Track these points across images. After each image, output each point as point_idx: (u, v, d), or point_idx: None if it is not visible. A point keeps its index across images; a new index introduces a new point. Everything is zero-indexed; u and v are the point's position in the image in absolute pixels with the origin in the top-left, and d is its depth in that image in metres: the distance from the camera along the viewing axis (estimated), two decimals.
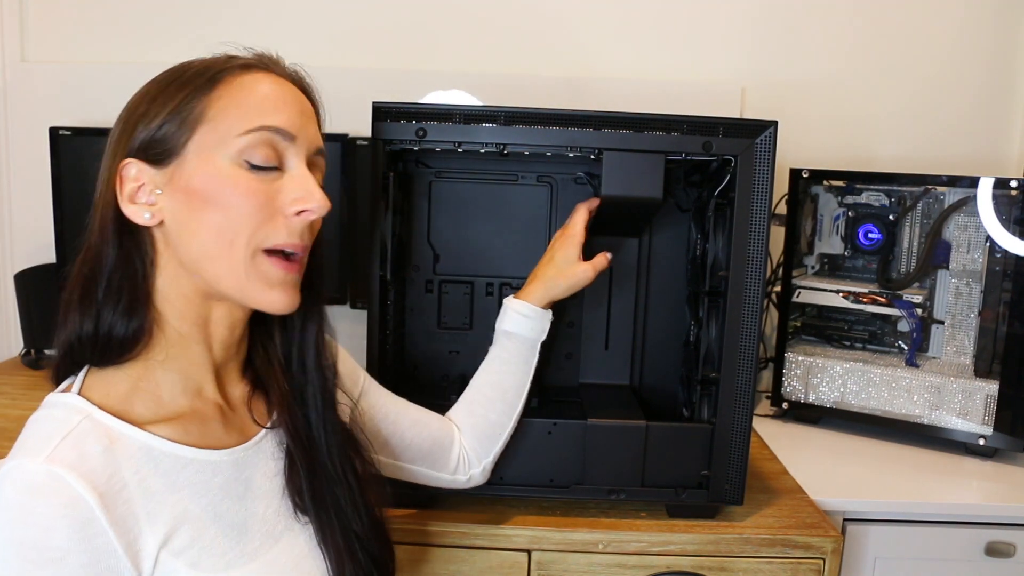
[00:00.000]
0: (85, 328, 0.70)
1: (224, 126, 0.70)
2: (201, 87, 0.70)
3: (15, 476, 0.62)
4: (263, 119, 0.70)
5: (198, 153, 0.70)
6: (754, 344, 1.08)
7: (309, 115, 0.76)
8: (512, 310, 1.05)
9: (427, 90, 1.74)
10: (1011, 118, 1.84)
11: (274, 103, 0.72)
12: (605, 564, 1.10)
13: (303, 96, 0.76)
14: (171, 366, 0.72)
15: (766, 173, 1.05)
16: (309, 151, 0.74)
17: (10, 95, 1.76)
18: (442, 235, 1.24)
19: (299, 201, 0.72)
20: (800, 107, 1.81)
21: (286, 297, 0.73)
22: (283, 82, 0.74)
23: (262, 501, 0.75)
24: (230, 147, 0.69)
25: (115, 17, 1.77)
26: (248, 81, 0.72)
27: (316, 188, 0.73)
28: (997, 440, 1.42)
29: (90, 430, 0.65)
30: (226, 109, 0.70)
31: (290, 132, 0.72)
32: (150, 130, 0.70)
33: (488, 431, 1.04)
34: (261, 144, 0.70)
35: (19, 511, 0.61)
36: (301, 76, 0.78)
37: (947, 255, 1.48)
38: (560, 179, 1.23)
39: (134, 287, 0.71)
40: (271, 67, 0.75)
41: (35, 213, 1.76)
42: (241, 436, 0.76)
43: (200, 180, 0.69)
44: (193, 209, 0.70)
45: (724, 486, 1.11)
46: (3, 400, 1.50)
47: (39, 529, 0.60)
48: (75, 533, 0.61)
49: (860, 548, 1.29)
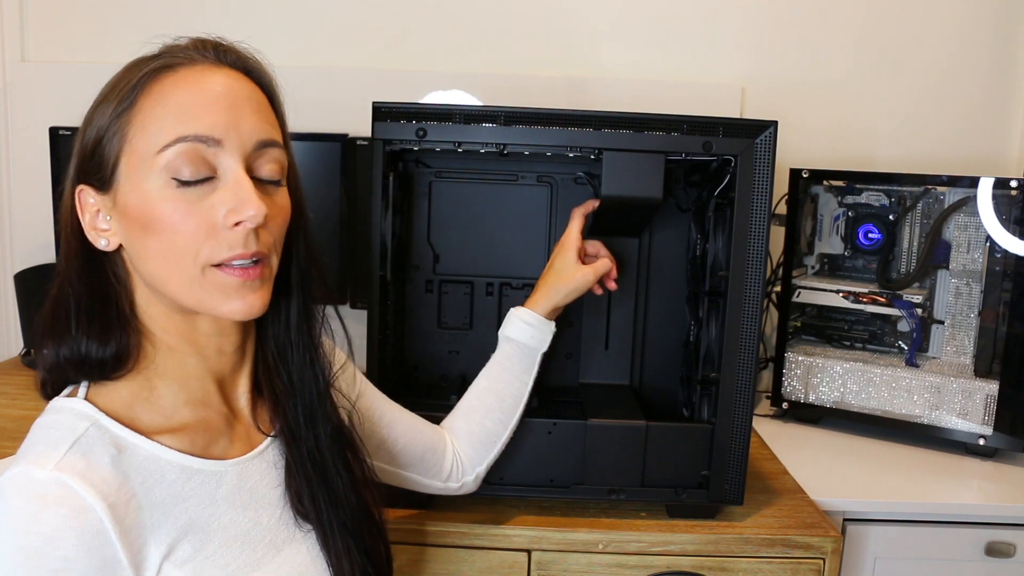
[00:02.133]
0: (62, 353, 0.68)
1: (143, 146, 0.65)
2: (122, 103, 0.66)
3: (22, 483, 0.61)
4: (180, 129, 0.65)
5: (128, 177, 0.66)
6: (754, 344, 1.08)
7: (248, 105, 0.68)
8: (516, 317, 1.06)
9: (427, 90, 1.74)
10: (1011, 118, 1.84)
11: (192, 108, 0.65)
12: (605, 564, 1.10)
13: (243, 83, 0.69)
14: (169, 377, 0.71)
15: (766, 173, 1.05)
16: (246, 148, 0.67)
17: (10, 95, 1.76)
18: (442, 235, 1.24)
19: (232, 213, 0.66)
20: (800, 107, 1.81)
21: (244, 304, 0.68)
22: (211, 75, 0.67)
23: (266, 511, 0.74)
24: (153, 166, 0.65)
25: (115, 17, 1.77)
26: (166, 87, 0.66)
27: (249, 195, 0.66)
28: (997, 440, 1.42)
29: (98, 438, 0.65)
30: (144, 126, 0.65)
31: (213, 136, 0.65)
32: (87, 154, 0.68)
33: (484, 439, 1.03)
34: (183, 157, 0.65)
35: (26, 519, 0.60)
36: (246, 59, 0.71)
37: (947, 255, 1.48)
38: (560, 179, 1.23)
39: (106, 312, 0.69)
40: (199, 58, 0.68)
41: (35, 213, 1.76)
42: (246, 445, 0.75)
43: (134, 206, 0.66)
44: (136, 236, 0.67)
45: (724, 486, 1.10)
46: (3, 400, 1.50)
47: (46, 538, 0.59)
48: (83, 543, 0.60)
49: (860, 548, 1.29)
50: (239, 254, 0.67)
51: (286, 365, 0.78)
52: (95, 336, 0.68)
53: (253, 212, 0.66)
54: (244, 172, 0.67)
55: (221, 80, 0.68)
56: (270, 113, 0.71)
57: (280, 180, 0.71)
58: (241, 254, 0.67)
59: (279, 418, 0.77)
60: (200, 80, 0.67)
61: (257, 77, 0.71)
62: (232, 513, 0.70)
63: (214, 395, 0.74)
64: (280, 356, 0.78)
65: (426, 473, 0.99)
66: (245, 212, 0.66)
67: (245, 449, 0.75)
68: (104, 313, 0.68)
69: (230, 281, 0.67)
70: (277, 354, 0.78)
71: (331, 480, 0.78)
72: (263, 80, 0.72)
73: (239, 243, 0.67)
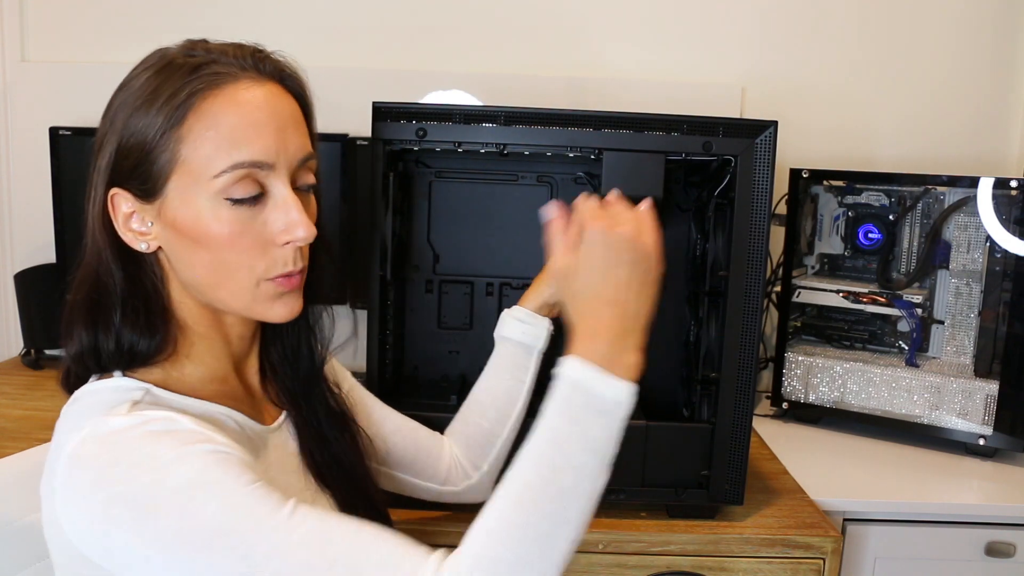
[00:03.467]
0: (104, 345, 0.70)
1: (198, 167, 0.68)
2: (170, 119, 0.67)
3: (104, 431, 0.63)
4: (236, 155, 0.68)
5: (179, 193, 0.69)
6: (754, 344, 1.08)
7: (292, 124, 0.72)
8: (508, 315, 1.06)
9: (427, 90, 1.74)
10: (1011, 118, 1.84)
11: (244, 133, 0.68)
12: (605, 564, 1.10)
13: (284, 100, 0.72)
14: (196, 360, 0.75)
15: (766, 173, 1.05)
16: (292, 166, 0.72)
17: (10, 95, 1.76)
18: (442, 235, 1.24)
19: (283, 234, 0.71)
20: (800, 107, 1.81)
21: (287, 309, 0.74)
22: (255, 94, 0.70)
23: (295, 475, 0.80)
24: (208, 188, 0.68)
25: (115, 17, 1.77)
26: (216, 109, 0.68)
27: (300, 216, 0.71)
28: (997, 440, 1.42)
29: (153, 403, 0.68)
30: (196, 147, 0.68)
31: (267, 162, 0.69)
32: (128, 161, 0.69)
33: (480, 438, 1.02)
34: (238, 181, 0.68)
35: (122, 445, 0.62)
36: (282, 69, 0.74)
37: (947, 255, 1.48)
38: (560, 179, 1.23)
39: (150, 307, 0.72)
40: (240, 73, 0.70)
41: (35, 213, 1.76)
42: (268, 418, 0.81)
43: (185, 221, 0.69)
44: (184, 247, 0.71)
45: (724, 486, 1.10)
46: (3, 400, 1.50)
47: (163, 421, 0.64)
48: (197, 424, 0.65)
49: (860, 548, 1.29)
50: (290, 271, 0.73)
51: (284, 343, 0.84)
52: (140, 329, 0.71)
53: (303, 234, 0.71)
54: (291, 191, 0.72)
55: (267, 99, 0.70)
56: (305, 126, 0.75)
57: (314, 185, 0.76)
58: (292, 271, 0.73)
59: (284, 391, 0.83)
60: (248, 100, 0.69)
61: (293, 86, 0.75)
62: (274, 471, 0.76)
63: (231, 373, 0.79)
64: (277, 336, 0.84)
65: (420, 475, 0.99)
66: (296, 233, 0.71)
67: (269, 421, 0.80)
68: (148, 308, 0.72)
69: (278, 291, 0.73)
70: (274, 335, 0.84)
71: (335, 444, 0.84)
72: (299, 90, 0.76)
73: (290, 260, 0.73)
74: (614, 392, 0.67)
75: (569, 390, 0.68)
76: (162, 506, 0.60)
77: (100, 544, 0.62)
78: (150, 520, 0.60)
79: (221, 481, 0.62)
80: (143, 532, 0.60)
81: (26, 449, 0.93)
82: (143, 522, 0.60)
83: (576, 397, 0.67)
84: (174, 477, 0.61)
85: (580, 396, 0.67)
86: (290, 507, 0.62)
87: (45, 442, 0.90)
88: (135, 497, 0.60)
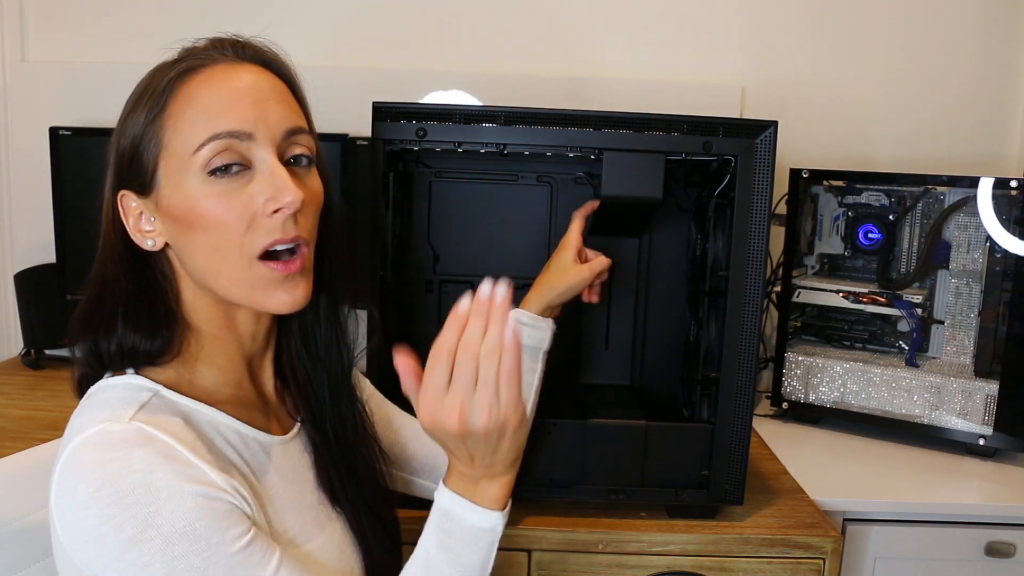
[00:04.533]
0: (104, 347, 0.71)
1: (179, 147, 0.68)
2: (153, 109, 0.69)
3: (102, 438, 0.64)
4: (212, 127, 0.68)
5: (168, 179, 0.69)
6: (754, 344, 1.08)
7: (273, 96, 0.71)
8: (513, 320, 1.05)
9: (427, 90, 1.74)
10: (1011, 118, 1.84)
11: (220, 106, 0.68)
12: (605, 564, 1.10)
13: (264, 76, 0.72)
14: (210, 362, 0.75)
15: (766, 173, 1.05)
16: (276, 138, 0.70)
17: (10, 95, 1.76)
18: (442, 235, 1.24)
19: (271, 201, 0.69)
20: (800, 107, 1.81)
21: (289, 297, 0.72)
22: (234, 72, 0.70)
23: (306, 489, 0.78)
24: (191, 166, 0.68)
25: (115, 17, 1.77)
26: (192, 89, 0.69)
27: (285, 181, 0.69)
28: (997, 440, 1.42)
29: (162, 405, 0.68)
30: (177, 129, 0.68)
31: (244, 131, 0.68)
32: (125, 162, 0.71)
33: None
34: (218, 153, 0.68)
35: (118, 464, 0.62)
36: (263, 53, 0.74)
37: (947, 255, 1.48)
38: (560, 179, 1.23)
39: (154, 308, 0.72)
40: (220, 57, 0.71)
41: (35, 213, 1.75)
42: (280, 429, 0.80)
43: (177, 206, 0.69)
44: (182, 234, 0.70)
45: (724, 486, 1.10)
46: (3, 400, 1.50)
47: (143, 472, 0.62)
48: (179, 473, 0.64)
49: (860, 548, 1.29)
50: (279, 239, 0.70)
51: (310, 347, 0.82)
52: (142, 331, 0.71)
53: (291, 198, 0.68)
54: (277, 161, 0.70)
55: (244, 76, 0.70)
56: (293, 102, 0.74)
57: (312, 159, 0.74)
58: (281, 239, 0.70)
59: (304, 402, 0.81)
60: (225, 78, 0.70)
61: (277, 69, 0.74)
62: (283, 484, 0.75)
63: (246, 378, 0.78)
64: (303, 340, 0.82)
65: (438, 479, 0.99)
66: (283, 199, 0.68)
67: (280, 431, 0.79)
68: (152, 310, 0.72)
69: (274, 276, 0.71)
70: (301, 339, 0.82)
71: (353, 459, 0.82)
72: (283, 71, 0.75)
73: (278, 228, 0.69)
74: (482, 520, 0.72)
75: (440, 518, 0.73)
76: (147, 545, 0.61)
77: (84, 551, 0.63)
78: (134, 551, 0.61)
79: (207, 536, 0.63)
80: (124, 557, 0.62)
81: (26, 449, 0.92)
82: (127, 549, 0.61)
83: (446, 524, 0.73)
84: (165, 517, 0.62)
85: (450, 523, 0.72)
86: (273, 567, 0.65)
87: (45, 442, 0.90)
88: (124, 525, 0.61)
